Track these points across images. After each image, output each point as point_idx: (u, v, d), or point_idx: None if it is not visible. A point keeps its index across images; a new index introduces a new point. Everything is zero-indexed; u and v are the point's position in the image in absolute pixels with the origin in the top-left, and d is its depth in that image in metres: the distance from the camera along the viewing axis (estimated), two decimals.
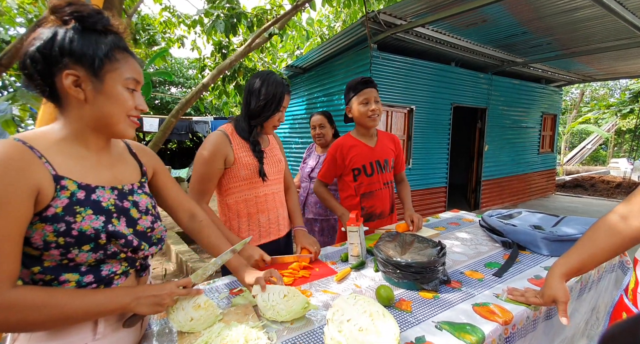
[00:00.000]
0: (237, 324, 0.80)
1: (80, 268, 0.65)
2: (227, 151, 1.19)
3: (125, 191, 0.74)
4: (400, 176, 1.81)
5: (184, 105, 2.85)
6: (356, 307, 0.80)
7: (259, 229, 1.29)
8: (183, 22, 4.73)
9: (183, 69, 16.00)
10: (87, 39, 0.63)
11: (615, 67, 5.84)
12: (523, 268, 1.17)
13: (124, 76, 0.67)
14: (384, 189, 1.65)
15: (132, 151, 0.84)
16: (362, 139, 1.63)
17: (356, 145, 1.61)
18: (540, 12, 3.46)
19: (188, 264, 3.16)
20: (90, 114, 0.66)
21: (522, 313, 0.89)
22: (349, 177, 1.64)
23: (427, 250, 1.08)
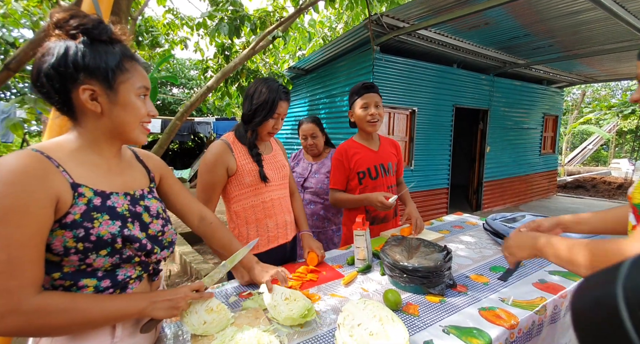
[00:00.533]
0: (250, 328, 0.82)
1: (97, 273, 0.67)
2: (228, 159, 1.21)
3: (137, 196, 0.76)
4: (399, 180, 1.85)
5: (188, 108, 2.88)
6: (366, 311, 0.82)
7: (267, 235, 1.30)
8: (186, 24, 4.75)
9: (185, 70, 16.04)
10: (97, 52, 0.64)
11: (616, 69, 5.85)
12: (528, 271, 1.19)
13: (136, 85, 0.69)
14: (389, 193, 1.67)
15: (139, 158, 0.86)
16: (365, 143, 1.66)
17: (360, 149, 1.64)
18: (542, 15, 3.47)
19: (192, 265, 3.19)
20: (107, 124, 0.68)
21: (528, 317, 0.91)
22: (354, 181, 1.66)
23: (433, 254, 1.10)
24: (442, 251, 1.12)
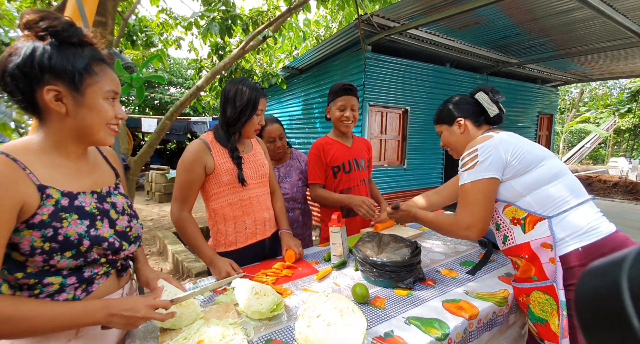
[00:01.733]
0: (216, 321, 0.84)
1: (62, 272, 0.68)
2: (206, 158, 1.23)
3: (104, 194, 0.77)
4: (370, 178, 1.90)
5: (178, 107, 2.90)
6: (327, 304, 0.84)
7: (245, 231, 1.33)
8: (180, 24, 4.77)
9: (182, 70, 16.04)
10: (64, 54, 0.65)
11: (611, 67, 5.86)
12: (496, 265, 1.21)
13: (104, 89, 0.70)
14: (361, 186, 1.75)
15: (102, 154, 0.87)
16: (339, 139, 1.74)
17: (334, 144, 1.72)
18: (534, 13, 3.49)
19: (184, 264, 3.21)
20: (72, 125, 0.69)
21: (488, 308, 0.94)
22: (329, 175, 1.72)
23: (402, 250, 1.13)
24: (410, 246, 1.14)
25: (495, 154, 0.95)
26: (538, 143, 1.27)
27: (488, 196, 0.95)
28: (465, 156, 1.01)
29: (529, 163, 0.94)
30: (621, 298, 0.29)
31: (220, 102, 1.29)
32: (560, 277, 0.86)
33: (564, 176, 0.95)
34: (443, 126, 1.19)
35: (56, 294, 0.68)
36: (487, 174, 0.95)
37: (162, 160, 11.59)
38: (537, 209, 0.92)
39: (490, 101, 1.10)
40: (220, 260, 1.20)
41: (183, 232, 1.23)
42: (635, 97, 10.23)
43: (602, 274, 0.34)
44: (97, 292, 0.75)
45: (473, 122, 1.13)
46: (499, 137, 1.00)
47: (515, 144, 0.97)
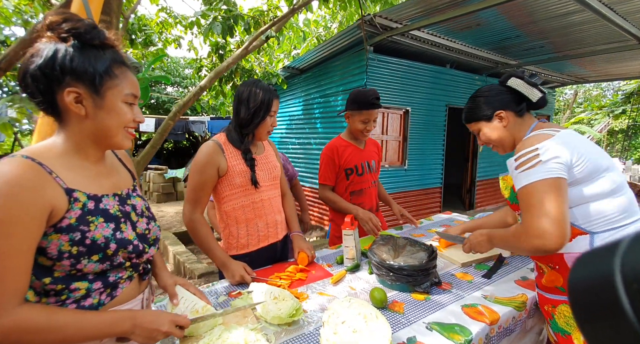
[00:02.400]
0: (237, 327, 0.83)
1: (88, 276, 0.68)
2: (219, 160, 1.22)
3: (124, 196, 0.77)
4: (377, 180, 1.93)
5: (181, 107, 2.87)
6: (351, 309, 0.84)
7: (257, 234, 1.32)
8: (180, 23, 4.72)
9: (179, 69, 15.91)
10: (86, 56, 0.64)
11: (607, 69, 5.94)
12: (511, 269, 1.22)
13: (124, 92, 0.69)
14: (371, 188, 1.79)
15: (118, 157, 0.87)
16: (353, 141, 1.77)
17: (348, 147, 1.74)
18: (533, 16, 3.52)
19: (186, 265, 3.19)
20: (90, 127, 0.68)
21: (508, 313, 0.94)
22: (341, 176, 1.74)
23: (419, 253, 1.13)
24: (427, 249, 1.14)
25: (560, 153, 0.82)
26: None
27: (559, 194, 0.80)
28: (522, 156, 0.87)
29: (590, 173, 0.84)
30: (614, 285, 0.28)
31: (234, 103, 1.28)
32: None
33: (621, 192, 0.86)
34: (480, 123, 1.05)
35: (82, 300, 0.67)
36: (556, 174, 0.81)
37: (160, 160, 11.49)
38: (582, 223, 0.85)
39: (528, 85, 0.96)
40: (233, 263, 1.18)
41: (195, 234, 1.22)
42: (629, 99, 10.39)
43: (594, 261, 0.33)
44: (121, 297, 0.74)
45: (515, 112, 1.00)
46: (562, 136, 0.87)
47: (580, 147, 0.85)
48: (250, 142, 1.29)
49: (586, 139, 0.91)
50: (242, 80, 4.71)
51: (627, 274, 0.28)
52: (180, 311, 0.85)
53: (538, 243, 0.79)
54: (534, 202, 0.82)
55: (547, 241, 0.78)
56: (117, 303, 0.73)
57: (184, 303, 0.88)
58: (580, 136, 0.91)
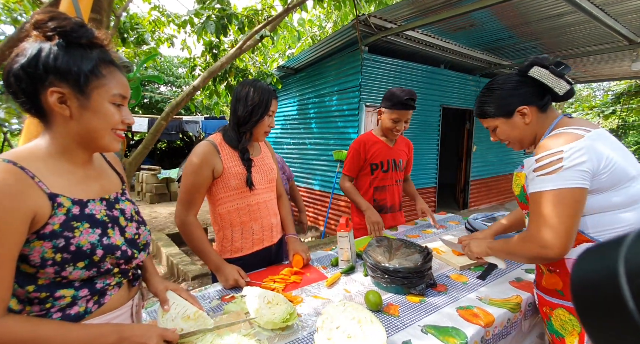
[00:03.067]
0: (229, 333, 0.82)
1: (74, 284, 0.65)
2: (214, 161, 1.19)
3: (112, 200, 0.75)
4: (407, 176, 2.00)
5: (174, 107, 2.83)
6: (345, 314, 0.83)
7: (252, 237, 1.30)
8: (173, 22, 4.67)
9: (172, 68, 15.74)
10: (71, 55, 0.62)
11: (598, 70, 6.02)
12: (505, 270, 1.22)
13: (111, 92, 0.67)
14: (395, 186, 1.83)
15: (107, 160, 0.84)
16: (383, 138, 1.80)
17: (377, 143, 1.78)
18: (526, 17, 3.55)
19: (179, 267, 3.15)
20: (76, 129, 0.66)
21: (502, 315, 0.94)
22: (366, 170, 1.79)
23: (413, 255, 1.12)
24: (422, 251, 1.14)
25: (588, 159, 0.76)
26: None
27: (574, 208, 0.76)
28: (544, 157, 0.79)
29: (616, 182, 0.78)
30: (618, 280, 0.28)
31: (232, 102, 1.27)
32: None
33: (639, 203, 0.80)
34: (498, 119, 0.94)
35: (68, 308, 0.65)
36: (574, 183, 0.75)
37: (153, 160, 11.36)
38: (591, 231, 0.81)
39: (555, 76, 0.85)
40: (227, 267, 1.17)
41: (188, 236, 1.20)
42: (619, 99, 10.57)
43: (598, 257, 0.33)
44: (110, 304, 0.72)
45: (538, 107, 0.89)
46: (592, 137, 0.79)
47: (610, 153, 0.78)
48: (247, 141, 1.27)
49: (617, 142, 0.84)
50: (237, 80, 4.67)
51: (630, 269, 0.28)
52: (171, 317, 0.83)
53: (539, 252, 0.80)
54: (544, 211, 0.78)
55: (549, 252, 0.78)
56: (105, 311, 0.71)
57: (175, 308, 0.86)
58: (612, 138, 0.83)
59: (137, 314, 0.82)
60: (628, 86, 9.28)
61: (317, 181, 5.19)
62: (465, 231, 1.68)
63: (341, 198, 4.65)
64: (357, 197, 1.75)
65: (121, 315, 0.75)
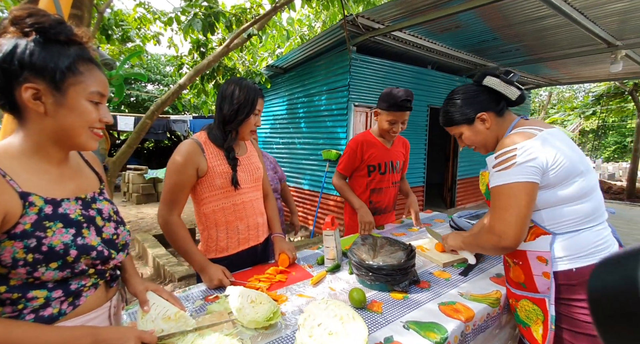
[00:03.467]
0: (211, 333, 0.81)
1: (47, 285, 0.64)
2: (198, 160, 1.18)
3: (88, 200, 0.73)
4: (402, 175, 2.00)
5: (159, 106, 2.78)
6: (327, 311, 0.83)
7: (237, 237, 1.29)
8: (159, 19, 4.58)
9: (160, 66, 15.46)
10: (48, 52, 0.61)
11: (579, 72, 6.21)
12: (486, 266, 1.25)
13: (89, 90, 0.66)
14: (391, 188, 1.82)
15: (84, 159, 0.83)
16: (381, 139, 1.77)
17: (376, 144, 1.75)
18: (509, 19, 3.63)
19: (166, 268, 3.10)
20: (51, 127, 0.65)
21: (482, 310, 0.96)
22: (363, 171, 1.76)
23: (397, 253, 1.13)
24: (406, 249, 1.15)
25: (538, 156, 0.83)
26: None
27: (525, 201, 0.83)
28: (501, 155, 0.87)
29: (564, 177, 0.85)
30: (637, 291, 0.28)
31: (217, 100, 1.25)
32: (553, 292, 0.87)
33: (590, 196, 0.87)
34: (461, 127, 1.03)
35: (41, 309, 0.63)
36: (525, 178, 0.83)
37: (140, 160, 11.14)
38: (547, 224, 0.88)
39: (506, 83, 0.94)
40: (212, 267, 1.15)
41: (172, 237, 1.18)
42: (599, 101, 10.92)
43: (616, 267, 0.34)
44: (85, 305, 0.70)
45: (496, 113, 0.98)
46: (543, 136, 0.86)
47: (558, 149, 0.85)
48: (233, 140, 1.25)
49: (568, 140, 0.91)
50: (225, 78, 4.62)
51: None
52: (152, 318, 0.81)
53: (496, 241, 0.87)
54: (500, 203, 0.87)
55: (503, 241, 0.86)
56: (80, 312, 0.69)
57: (155, 309, 0.84)
58: (563, 136, 0.90)
59: (116, 315, 0.81)
60: (607, 88, 9.62)
61: (307, 180, 5.19)
62: (450, 229, 1.71)
63: (330, 197, 4.66)
64: (350, 195, 1.73)
65: (98, 317, 0.73)
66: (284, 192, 2.29)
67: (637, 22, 3.58)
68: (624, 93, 8.94)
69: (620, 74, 6.21)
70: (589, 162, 0.90)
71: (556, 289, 0.87)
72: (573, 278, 0.85)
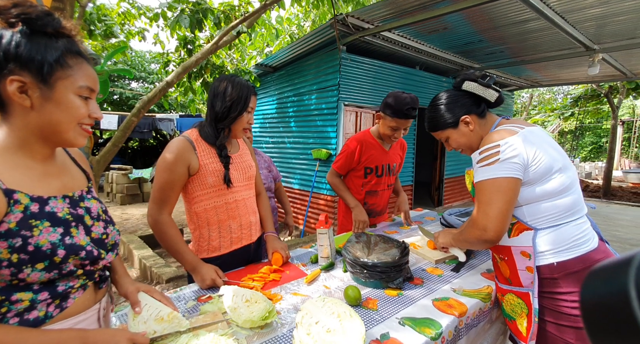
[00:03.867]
0: (205, 333, 0.79)
1: (32, 287, 0.61)
2: (190, 157, 1.15)
3: (76, 198, 0.71)
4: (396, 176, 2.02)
5: (145, 103, 2.71)
6: (324, 309, 0.83)
7: (230, 236, 1.27)
8: (144, 15, 4.46)
9: (145, 63, 15.06)
10: (35, 44, 0.59)
11: (559, 74, 6.45)
12: (477, 262, 1.28)
13: (77, 84, 0.64)
14: (386, 190, 1.83)
15: (71, 157, 0.80)
16: (381, 141, 1.75)
17: (375, 146, 1.73)
18: (494, 22, 3.73)
19: (153, 269, 3.02)
20: (37, 121, 0.62)
21: (475, 304, 0.98)
22: (360, 173, 1.74)
23: (391, 250, 1.14)
24: (399, 246, 1.16)
25: (519, 152, 0.86)
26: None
27: (507, 195, 0.86)
28: (484, 151, 0.91)
29: (544, 174, 0.88)
30: (629, 303, 0.28)
31: (209, 97, 1.23)
32: (536, 286, 0.90)
33: (570, 191, 0.90)
34: (447, 131, 1.06)
35: (26, 313, 0.60)
36: (507, 173, 0.86)
37: (124, 159, 10.83)
38: (528, 220, 0.91)
39: (483, 87, 0.99)
40: (204, 266, 1.13)
41: (162, 236, 1.15)
42: (577, 103, 11.36)
43: (607, 278, 0.34)
44: (73, 308, 0.67)
45: (477, 115, 1.02)
46: (525, 134, 0.90)
47: (538, 146, 0.88)
48: (225, 138, 1.23)
49: (548, 137, 0.94)
50: (213, 76, 4.55)
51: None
52: (144, 320, 0.79)
53: (479, 234, 0.90)
54: (484, 198, 0.90)
55: (485, 234, 0.89)
56: (68, 315, 0.67)
57: (147, 310, 0.82)
58: (543, 134, 0.94)
59: (105, 318, 0.78)
60: (584, 90, 10.02)
61: (297, 179, 5.17)
62: (441, 226, 1.74)
63: (320, 197, 4.66)
64: (346, 194, 1.73)
65: (86, 319, 0.70)
66: (278, 191, 2.26)
67: (614, 27, 3.74)
68: (600, 95, 9.33)
69: (597, 77, 6.47)
70: (567, 160, 0.93)
71: (539, 282, 0.90)
72: (555, 271, 0.88)
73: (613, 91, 8.26)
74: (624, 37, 4.03)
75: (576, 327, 0.86)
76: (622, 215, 6.05)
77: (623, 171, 10.55)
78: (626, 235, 4.77)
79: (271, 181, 2.16)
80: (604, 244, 0.94)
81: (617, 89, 8.25)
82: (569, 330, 0.87)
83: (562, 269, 0.88)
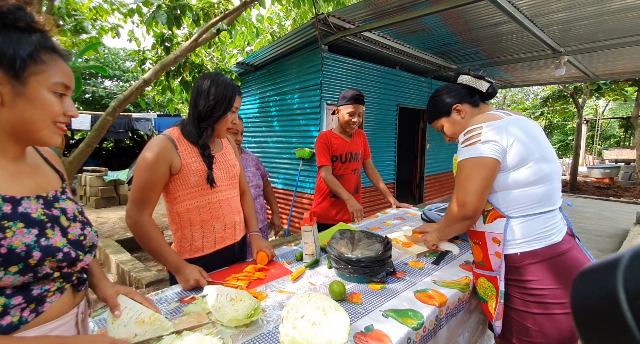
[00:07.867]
0: (189, 333, 0.78)
1: (5, 291, 0.58)
2: (171, 156, 1.12)
3: (50, 198, 0.68)
4: (369, 163, 2.26)
5: (121, 102, 2.61)
6: (310, 304, 0.84)
7: (213, 236, 1.25)
8: (117, 10, 4.29)
9: (118, 61, 14.46)
10: (6, 38, 0.57)
11: (529, 76, 6.78)
12: (456, 255, 1.33)
13: (52, 80, 0.61)
14: (351, 175, 2.11)
15: (43, 156, 0.77)
16: (342, 135, 2.08)
17: (338, 138, 2.06)
18: (469, 24, 3.87)
19: (132, 274, 2.92)
20: (7, 118, 0.60)
21: (454, 295, 1.02)
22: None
23: (375, 245, 1.17)
24: (382, 241, 1.19)
25: (500, 136, 0.91)
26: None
27: (485, 173, 0.91)
28: (468, 132, 0.96)
29: (518, 162, 0.92)
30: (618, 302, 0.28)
31: (192, 95, 1.20)
32: (503, 271, 0.95)
33: (544, 182, 0.93)
34: (441, 119, 1.13)
35: None
36: (487, 154, 0.91)
37: (98, 161, 10.35)
38: (502, 207, 0.95)
39: (476, 78, 1.05)
40: (187, 267, 1.11)
41: (143, 238, 1.12)
42: (546, 103, 11.99)
43: (595, 278, 0.34)
44: (50, 312, 0.65)
45: (470, 104, 1.09)
46: (508, 120, 0.94)
47: (519, 135, 0.92)
48: (208, 137, 1.21)
49: (532, 128, 0.98)
50: (192, 75, 4.44)
51: (630, 290, 0.28)
52: (124, 323, 0.77)
53: (458, 211, 0.96)
54: (464, 174, 0.95)
55: (463, 210, 0.95)
56: (45, 320, 0.64)
57: (128, 313, 0.80)
58: (528, 125, 0.97)
59: (84, 322, 0.75)
60: (552, 91, 10.60)
61: (280, 179, 5.15)
62: (422, 221, 1.79)
63: (304, 196, 4.67)
64: (339, 188, 1.95)
65: (64, 324, 0.68)
66: (266, 190, 2.25)
67: (577, 31, 3.98)
68: (566, 96, 9.89)
69: (564, 78, 6.85)
70: (550, 151, 0.97)
71: (505, 270, 0.96)
72: (517, 261, 0.94)
73: (578, 91, 8.77)
74: (586, 40, 4.30)
75: (535, 313, 0.91)
76: (587, 208, 6.45)
77: (588, 166, 11.23)
78: (590, 226, 5.09)
79: (259, 178, 2.17)
80: (570, 237, 0.98)
81: (582, 90, 8.77)
82: (528, 316, 0.93)
83: (523, 259, 0.93)
